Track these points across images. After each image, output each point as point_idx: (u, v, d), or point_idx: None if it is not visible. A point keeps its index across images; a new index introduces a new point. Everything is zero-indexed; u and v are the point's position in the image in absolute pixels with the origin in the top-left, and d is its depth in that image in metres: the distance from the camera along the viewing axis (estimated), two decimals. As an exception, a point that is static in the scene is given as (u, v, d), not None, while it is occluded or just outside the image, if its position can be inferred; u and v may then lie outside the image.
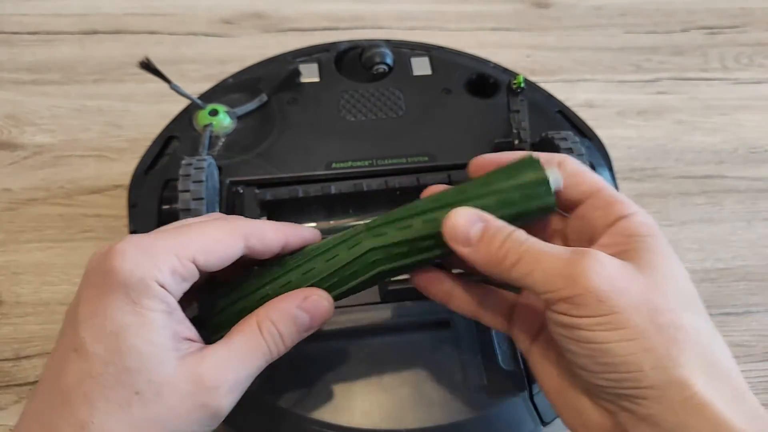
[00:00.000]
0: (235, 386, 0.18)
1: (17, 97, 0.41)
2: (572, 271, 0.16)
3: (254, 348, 0.18)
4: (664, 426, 0.16)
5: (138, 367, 0.16)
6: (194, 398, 0.17)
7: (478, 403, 0.23)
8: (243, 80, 0.34)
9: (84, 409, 0.16)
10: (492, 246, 0.18)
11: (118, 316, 0.16)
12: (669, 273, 0.17)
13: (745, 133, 0.42)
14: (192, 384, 0.17)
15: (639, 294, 0.16)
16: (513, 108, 0.30)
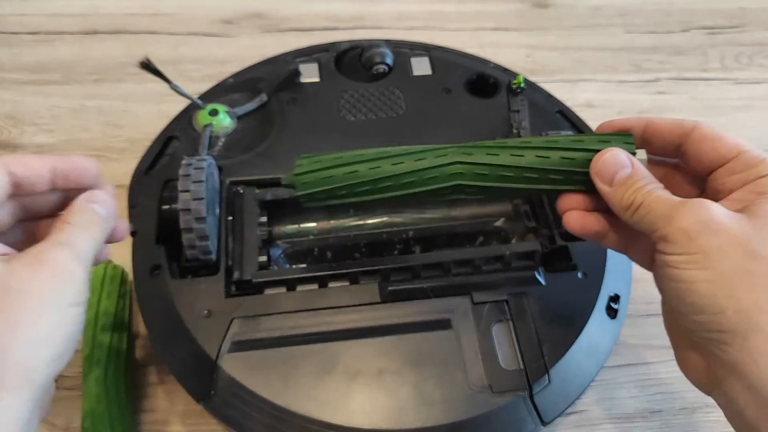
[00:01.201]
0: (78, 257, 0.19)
1: (17, 97, 0.41)
2: (674, 212, 0.18)
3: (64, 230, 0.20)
4: (749, 378, 0.16)
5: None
6: (43, 273, 0.18)
7: (479, 403, 0.23)
8: (243, 80, 0.34)
9: None
10: (627, 191, 0.19)
11: None
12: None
13: (744, 133, 0.42)
14: (29, 266, 0.18)
15: (735, 238, 0.17)
16: (513, 108, 0.30)
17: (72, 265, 0.19)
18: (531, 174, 0.21)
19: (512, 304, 0.26)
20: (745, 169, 0.19)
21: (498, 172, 0.21)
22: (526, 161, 0.21)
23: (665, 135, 0.21)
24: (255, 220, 0.28)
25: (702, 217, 0.17)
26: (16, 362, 0.17)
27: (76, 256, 0.19)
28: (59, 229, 0.20)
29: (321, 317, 0.25)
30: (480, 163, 0.21)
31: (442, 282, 0.26)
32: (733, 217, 0.17)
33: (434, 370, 0.24)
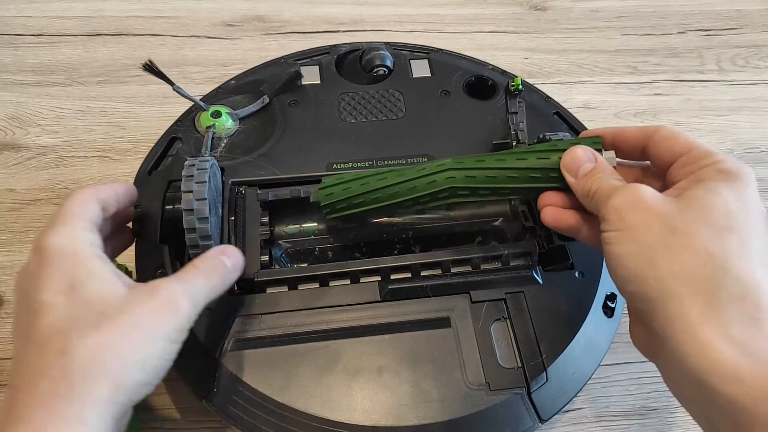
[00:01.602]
0: (189, 296, 0.21)
1: (21, 99, 0.41)
2: (612, 193, 0.20)
3: (188, 272, 0.22)
4: (670, 344, 0.17)
5: (97, 297, 0.19)
6: (155, 302, 0.20)
7: (477, 401, 0.23)
8: (245, 82, 0.34)
9: (60, 340, 0.18)
10: (588, 181, 0.22)
11: (67, 272, 0.19)
12: (707, 206, 0.18)
13: (740, 134, 0.43)
14: (146, 293, 0.20)
15: (659, 215, 0.19)
16: (511, 109, 0.30)
17: (182, 301, 0.20)
18: (512, 174, 0.25)
19: (510, 303, 0.26)
20: (693, 162, 0.20)
21: (485, 174, 0.25)
22: (507, 164, 0.25)
23: (632, 140, 0.23)
24: (257, 220, 0.28)
25: (631, 197, 0.19)
26: (109, 378, 0.18)
27: (189, 295, 0.20)
28: (184, 270, 0.22)
29: (322, 315, 0.25)
30: (469, 168, 0.25)
31: (441, 281, 0.26)
32: (661, 198, 0.19)
33: (433, 367, 0.24)
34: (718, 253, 0.17)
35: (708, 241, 0.18)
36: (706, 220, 0.18)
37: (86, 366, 0.18)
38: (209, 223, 0.25)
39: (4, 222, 0.35)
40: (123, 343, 0.18)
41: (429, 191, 0.25)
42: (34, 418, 0.17)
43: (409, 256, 0.27)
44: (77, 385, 0.17)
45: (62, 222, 0.21)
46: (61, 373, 0.17)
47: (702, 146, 0.21)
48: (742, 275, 0.17)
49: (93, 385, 0.18)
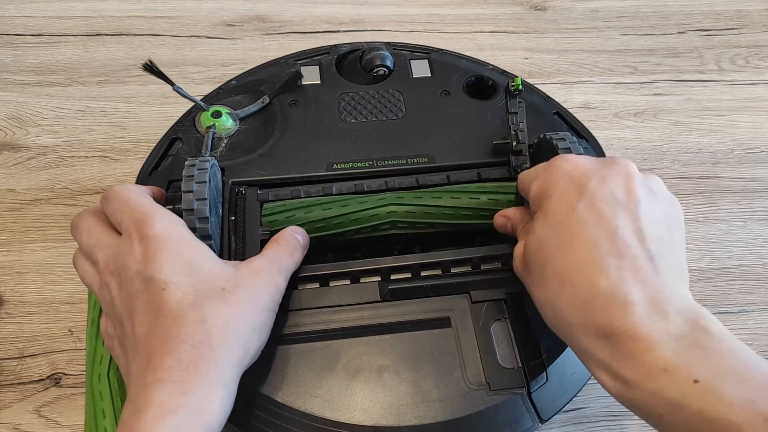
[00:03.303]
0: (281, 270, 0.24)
1: (21, 99, 0.41)
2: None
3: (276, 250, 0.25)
4: None
5: (214, 275, 0.22)
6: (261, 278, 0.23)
7: (477, 401, 0.23)
8: (245, 82, 0.34)
9: (196, 312, 0.20)
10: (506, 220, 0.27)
11: (181, 255, 0.22)
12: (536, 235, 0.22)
13: (740, 134, 0.43)
14: (252, 271, 0.23)
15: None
16: (511, 110, 0.30)
17: (278, 278, 0.23)
18: (447, 211, 0.28)
19: (510, 303, 0.26)
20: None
21: (423, 210, 0.28)
22: (442, 202, 0.28)
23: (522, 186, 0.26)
24: (257, 220, 0.28)
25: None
26: (241, 343, 0.21)
27: (281, 271, 0.24)
28: (271, 248, 0.25)
29: (322, 315, 0.25)
30: (409, 204, 0.28)
31: (441, 281, 0.26)
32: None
33: (433, 367, 0.24)
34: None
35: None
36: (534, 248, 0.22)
37: (222, 333, 0.20)
38: (209, 223, 0.25)
39: (4, 222, 0.35)
40: (246, 315, 0.21)
41: (371, 223, 0.28)
42: (180, 379, 0.19)
43: (410, 256, 0.27)
44: (218, 349, 0.20)
45: (153, 210, 0.22)
46: (203, 339, 0.20)
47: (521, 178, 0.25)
48: None
49: (229, 350, 0.20)
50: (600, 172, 0.22)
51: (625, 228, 0.20)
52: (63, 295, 0.33)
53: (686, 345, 0.18)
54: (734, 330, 0.34)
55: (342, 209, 0.27)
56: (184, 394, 0.18)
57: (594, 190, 0.21)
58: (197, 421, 0.18)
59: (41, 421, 0.28)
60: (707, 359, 0.17)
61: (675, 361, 0.18)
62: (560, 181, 0.22)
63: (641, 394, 0.18)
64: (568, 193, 0.22)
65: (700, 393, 0.17)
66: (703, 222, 0.38)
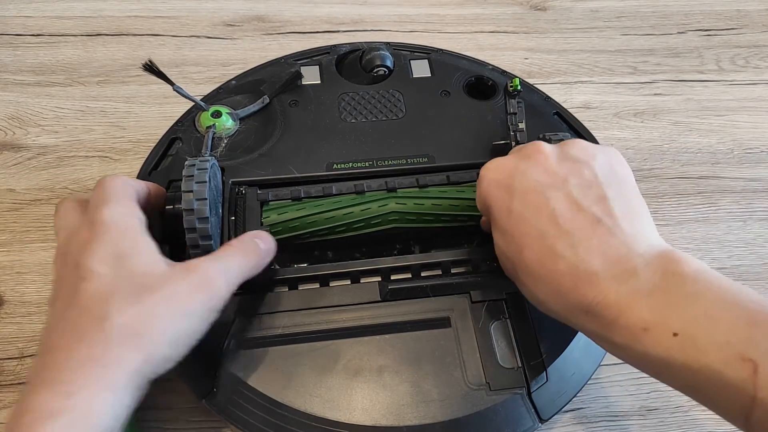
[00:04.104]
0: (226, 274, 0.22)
1: (21, 99, 0.41)
2: None
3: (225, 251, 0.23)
4: None
5: (141, 270, 0.20)
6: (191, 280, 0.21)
7: (477, 401, 0.24)
8: (245, 82, 0.34)
9: (101, 307, 0.19)
10: None
11: (116, 245, 0.20)
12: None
13: (740, 134, 0.43)
14: (184, 271, 0.21)
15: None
16: (510, 110, 0.30)
17: (218, 280, 0.21)
18: (446, 217, 0.28)
19: (510, 303, 0.26)
20: None
21: (422, 217, 0.28)
22: (442, 208, 0.28)
23: None
24: (257, 220, 0.28)
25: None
26: (141, 348, 0.19)
27: (224, 275, 0.21)
28: (222, 249, 0.23)
29: (322, 315, 0.25)
30: (410, 212, 0.28)
31: (441, 281, 0.26)
32: None
33: (433, 367, 0.24)
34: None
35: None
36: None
37: (123, 334, 0.18)
38: (209, 223, 0.25)
39: (4, 222, 0.35)
40: (158, 317, 0.19)
41: (374, 229, 0.28)
42: (68, 380, 0.18)
43: (410, 256, 0.27)
44: (113, 352, 0.18)
45: (113, 199, 0.22)
46: (100, 338, 0.18)
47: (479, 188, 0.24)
48: None
49: (126, 352, 0.18)
50: (519, 166, 0.22)
51: (560, 206, 0.20)
52: (63, 295, 0.33)
53: (660, 298, 0.17)
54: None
55: (344, 216, 0.28)
56: (67, 398, 0.17)
57: (519, 185, 0.21)
58: (80, 426, 0.17)
59: (41, 421, 0.28)
60: (681, 308, 0.17)
61: (652, 318, 0.17)
62: (491, 190, 0.23)
63: (634, 355, 0.18)
64: (501, 198, 0.22)
65: (681, 345, 0.17)
66: (703, 222, 0.38)
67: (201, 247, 0.25)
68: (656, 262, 0.18)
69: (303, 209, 0.28)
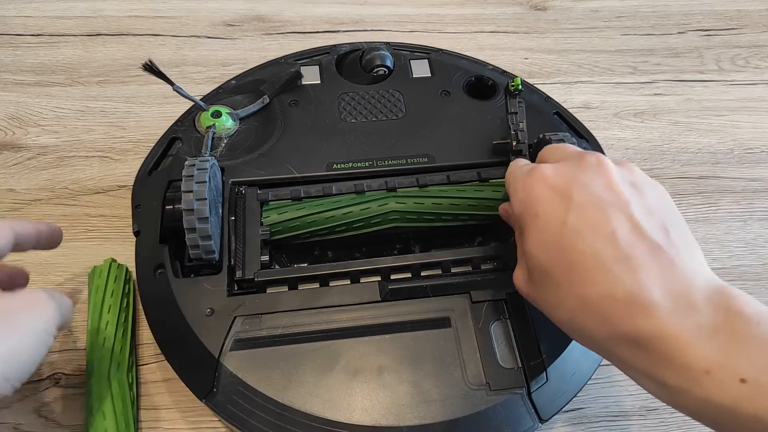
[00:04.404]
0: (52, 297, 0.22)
1: (21, 99, 0.41)
2: None
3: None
4: None
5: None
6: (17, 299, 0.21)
7: (477, 401, 0.23)
8: (245, 82, 0.34)
9: None
10: None
11: None
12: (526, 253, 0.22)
13: (740, 134, 0.43)
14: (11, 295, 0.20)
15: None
16: (511, 110, 0.30)
17: (48, 301, 0.21)
18: (446, 216, 0.28)
19: (510, 303, 0.26)
20: None
21: (422, 216, 0.28)
22: (442, 208, 0.28)
23: None
24: (257, 220, 0.28)
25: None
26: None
27: (51, 299, 0.21)
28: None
29: (322, 315, 0.25)
30: (410, 211, 0.28)
31: (441, 281, 0.26)
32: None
33: (433, 367, 0.24)
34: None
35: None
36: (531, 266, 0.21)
37: None
38: (209, 223, 0.25)
39: (4, 222, 0.35)
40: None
41: (374, 228, 0.28)
42: None
43: (409, 256, 0.27)
44: None
45: None
46: None
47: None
48: None
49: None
50: (579, 178, 0.21)
51: (622, 228, 0.19)
52: (63, 295, 0.33)
53: (724, 338, 0.16)
54: (734, 330, 0.34)
55: (333, 204, 0.28)
56: None
57: (580, 198, 0.20)
58: None
59: (41, 421, 0.28)
60: (750, 352, 0.15)
61: (716, 360, 0.16)
62: (545, 194, 0.21)
63: (691, 401, 0.16)
64: (555, 206, 0.20)
65: (751, 394, 0.15)
66: (703, 222, 0.38)
67: (201, 247, 0.25)
68: (716, 299, 0.17)
69: (303, 209, 0.28)
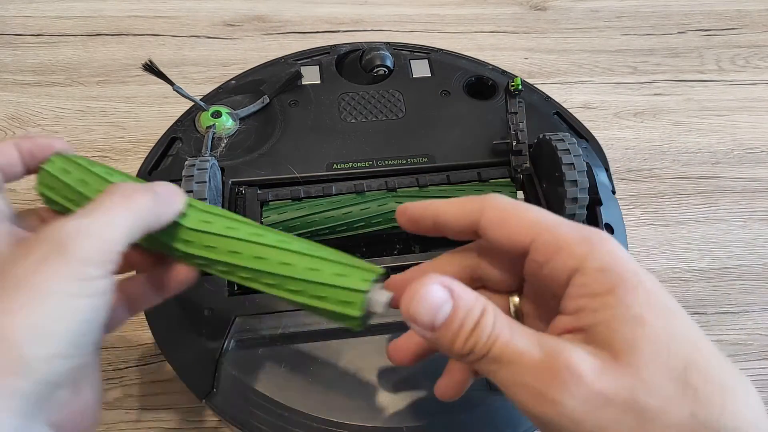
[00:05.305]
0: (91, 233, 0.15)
1: (21, 99, 0.41)
2: (546, 391, 0.14)
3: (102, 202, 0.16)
4: None
5: None
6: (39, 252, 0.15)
7: (477, 401, 0.23)
8: (245, 82, 0.34)
9: None
10: (459, 334, 0.15)
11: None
12: (650, 352, 0.14)
13: (740, 134, 0.43)
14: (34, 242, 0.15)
15: (621, 402, 0.14)
16: (511, 110, 0.30)
17: (73, 242, 0.15)
18: (448, 195, 0.28)
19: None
20: (549, 260, 0.15)
21: (420, 197, 0.28)
22: (447, 192, 0.27)
23: (456, 226, 0.17)
24: (257, 220, 0.28)
25: (580, 396, 0.14)
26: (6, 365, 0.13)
27: (85, 229, 0.15)
28: (94, 200, 0.16)
29: (322, 315, 0.25)
30: (405, 196, 0.28)
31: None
32: (608, 374, 0.14)
33: (433, 367, 0.24)
34: (704, 416, 0.14)
35: (686, 406, 0.14)
36: (665, 376, 0.14)
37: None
38: (209, 223, 0.25)
39: (4, 222, 0.35)
40: (13, 311, 0.14)
41: (374, 228, 0.27)
42: None
43: (410, 256, 0.27)
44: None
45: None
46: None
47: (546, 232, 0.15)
48: (736, 421, 0.14)
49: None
50: None
51: None
52: (63, 295, 0.33)
53: None
54: (734, 330, 0.34)
55: (334, 204, 0.28)
56: None
57: None
58: None
59: (41, 421, 0.28)
60: None
61: None
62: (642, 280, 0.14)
63: None
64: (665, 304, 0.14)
65: None
66: (703, 222, 0.38)
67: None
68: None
69: (303, 209, 0.28)
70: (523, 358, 0.14)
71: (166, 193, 0.18)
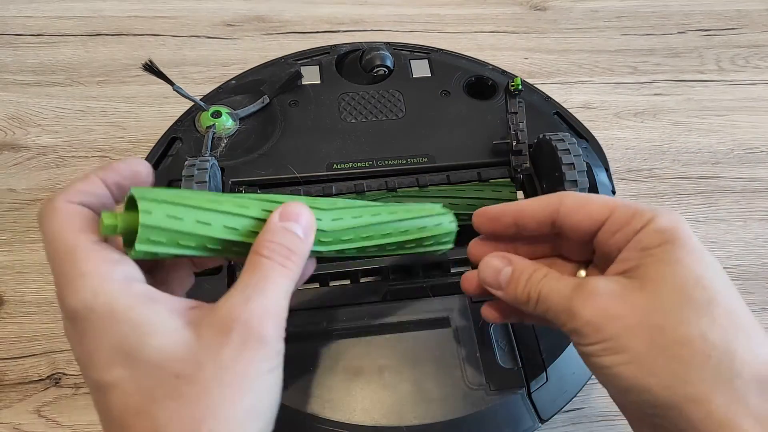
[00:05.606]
0: (270, 312, 0.16)
1: (21, 99, 0.41)
2: (571, 305, 0.18)
3: (258, 270, 0.17)
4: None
5: (162, 360, 0.15)
6: (233, 341, 0.16)
7: (477, 400, 0.23)
8: (245, 82, 0.34)
9: (145, 422, 0.15)
10: (518, 289, 0.20)
11: (113, 340, 0.15)
12: (676, 284, 0.16)
13: (740, 134, 0.43)
14: (219, 332, 0.16)
15: (636, 316, 0.16)
16: (511, 110, 0.30)
17: (264, 327, 0.16)
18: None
19: (510, 303, 0.26)
20: (622, 227, 0.18)
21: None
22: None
23: (536, 218, 0.20)
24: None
25: (598, 304, 0.17)
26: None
27: (269, 313, 0.16)
28: (250, 267, 0.17)
29: (322, 315, 0.25)
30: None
31: (441, 281, 0.26)
32: (625, 293, 0.17)
33: (433, 367, 0.24)
34: (717, 339, 0.16)
35: (699, 327, 0.16)
36: (685, 302, 0.16)
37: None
38: (209, 223, 0.25)
39: (5, 222, 0.35)
40: (219, 406, 0.15)
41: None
42: None
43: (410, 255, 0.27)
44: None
45: (67, 273, 0.15)
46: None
47: (623, 206, 0.18)
48: (746, 354, 0.16)
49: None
50: None
51: None
52: (63, 295, 0.33)
53: None
54: (734, 330, 0.34)
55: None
56: None
57: None
58: None
59: (41, 421, 0.28)
60: None
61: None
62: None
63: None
64: None
65: None
66: (703, 222, 0.38)
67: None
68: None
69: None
70: (561, 292, 0.18)
71: (304, 234, 0.18)
